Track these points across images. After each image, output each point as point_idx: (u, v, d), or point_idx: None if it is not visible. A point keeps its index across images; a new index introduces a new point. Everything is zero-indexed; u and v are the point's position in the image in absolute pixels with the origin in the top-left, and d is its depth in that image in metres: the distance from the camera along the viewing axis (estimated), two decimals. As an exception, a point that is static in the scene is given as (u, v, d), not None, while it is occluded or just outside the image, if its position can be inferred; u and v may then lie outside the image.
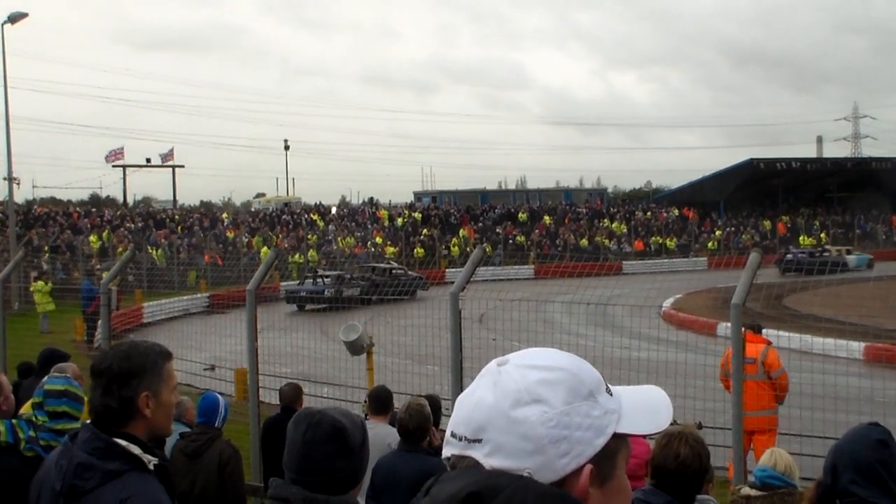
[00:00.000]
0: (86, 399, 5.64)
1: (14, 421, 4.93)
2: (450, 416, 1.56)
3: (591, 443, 1.48)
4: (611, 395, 1.56)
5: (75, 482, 3.12)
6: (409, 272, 39.19)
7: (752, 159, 72.98)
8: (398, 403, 8.71)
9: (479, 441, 1.48)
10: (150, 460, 3.19)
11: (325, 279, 33.35)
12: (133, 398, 3.22)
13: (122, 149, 75.62)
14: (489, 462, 1.46)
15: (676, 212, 72.92)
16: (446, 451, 1.53)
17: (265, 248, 47.35)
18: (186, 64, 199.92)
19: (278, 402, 9.62)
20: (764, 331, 12.14)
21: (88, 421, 3.34)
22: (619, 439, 1.53)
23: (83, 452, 3.15)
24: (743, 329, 8.13)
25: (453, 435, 1.52)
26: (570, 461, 1.46)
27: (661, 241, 64.84)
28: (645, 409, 1.58)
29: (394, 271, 39.82)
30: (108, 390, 3.21)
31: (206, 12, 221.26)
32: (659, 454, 4.32)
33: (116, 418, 3.21)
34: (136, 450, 3.16)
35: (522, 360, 1.54)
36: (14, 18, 36.84)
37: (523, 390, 1.48)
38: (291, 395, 8.95)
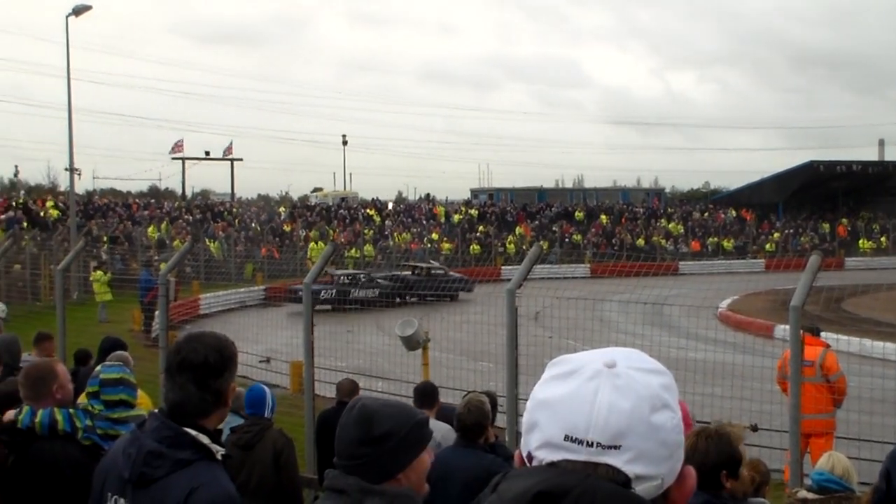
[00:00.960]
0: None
1: (71, 410, 4.98)
2: (506, 413, 1.57)
3: (683, 443, 1.52)
4: None
5: (145, 470, 3.16)
6: (452, 273, 37.19)
7: (812, 161, 71.93)
8: (452, 399, 8.76)
9: (618, 447, 1.45)
10: (218, 450, 3.24)
11: (339, 278, 30.89)
12: (225, 390, 3.31)
13: (182, 141, 76.55)
14: (631, 469, 1.44)
15: (734, 213, 72.20)
16: (558, 455, 1.48)
17: (313, 244, 47.58)
18: (245, 57, 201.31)
19: (333, 396, 9.69)
20: (822, 334, 12.00)
21: (156, 410, 3.40)
22: None
23: (152, 441, 3.19)
24: (801, 332, 8.05)
25: (574, 440, 1.47)
26: (677, 463, 1.50)
27: (718, 242, 64.22)
28: None
29: (433, 271, 37.58)
30: (204, 383, 3.26)
31: (266, 6, 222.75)
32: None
33: (204, 409, 3.28)
34: (205, 439, 3.21)
35: (633, 363, 1.52)
36: (78, 11, 37.30)
37: (655, 396, 1.48)
38: (348, 389, 9.01)
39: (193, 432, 3.20)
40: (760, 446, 9.96)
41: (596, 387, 1.48)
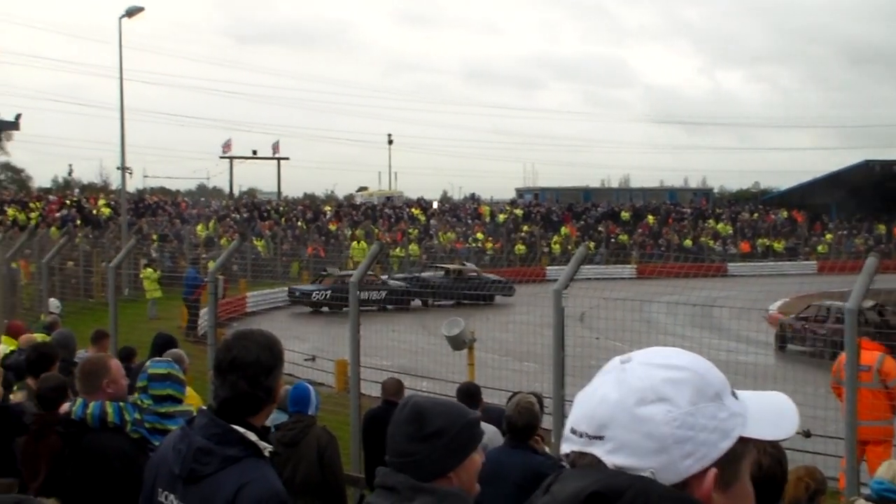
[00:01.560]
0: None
1: (121, 404, 5.08)
2: (552, 414, 1.54)
3: (715, 445, 1.45)
4: (736, 398, 1.52)
5: (194, 466, 3.19)
6: (489, 275, 35.78)
7: (866, 161, 70.80)
8: (498, 400, 8.70)
9: (601, 438, 1.45)
10: (266, 447, 3.26)
11: (337, 280, 29.60)
12: (274, 387, 3.34)
13: (230, 141, 77.25)
14: (611, 460, 1.44)
15: (785, 214, 71.48)
16: (565, 448, 1.52)
17: (355, 244, 47.67)
18: (292, 57, 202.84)
19: (379, 395, 9.67)
20: (878, 338, 11.79)
21: (205, 407, 3.40)
22: (744, 444, 1.49)
23: (202, 437, 3.22)
24: (858, 336, 7.89)
25: (573, 431, 1.50)
26: (694, 463, 1.43)
27: (768, 244, 63.63)
28: (771, 415, 1.55)
29: (466, 273, 36.03)
30: (255, 381, 3.29)
31: (311, 6, 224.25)
32: None
33: (254, 407, 3.31)
34: (253, 437, 3.23)
35: (647, 359, 1.51)
36: (131, 12, 37.75)
37: (648, 388, 1.45)
38: (394, 389, 8.99)
39: (242, 429, 3.23)
40: (814, 453, 9.81)
41: (601, 382, 1.51)
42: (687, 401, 1.45)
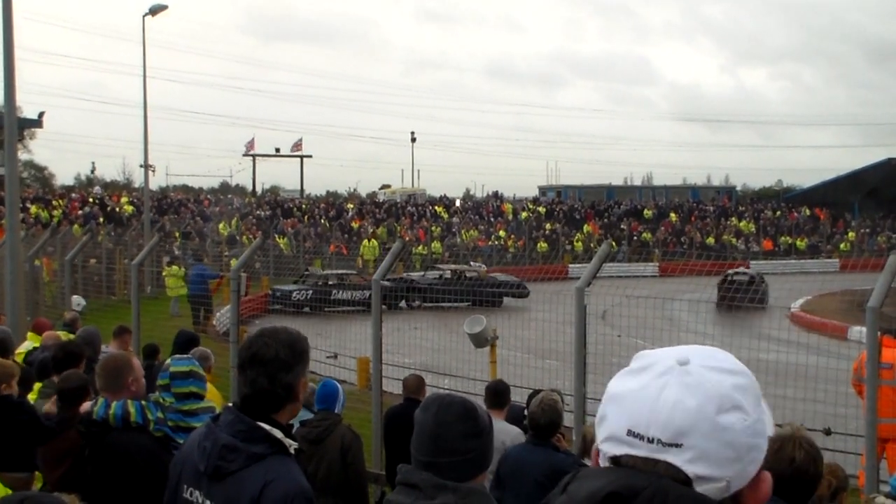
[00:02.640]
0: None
1: (143, 403, 5.10)
2: (573, 412, 1.56)
3: (764, 448, 1.49)
4: None
5: (220, 463, 3.21)
6: (496, 275, 34.22)
7: (890, 159, 70.35)
8: (519, 398, 8.72)
9: (679, 446, 1.44)
10: (291, 445, 3.28)
11: (321, 280, 28.67)
12: (296, 384, 3.34)
13: (253, 140, 77.49)
14: (692, 469, 1.43)
15: (808, 211, 71.11)
16: (623, 450, 1.49)
17: (365, 242, 47.53)
18: (314, 55, 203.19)
19: (400, 392, 9.72)
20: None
21: (230, 404, 3.44)
22: None
23: (227, 435, 3.24)
24: (880, 333, 7.89)
25: (636, 435, 1.47)
26: (755, 468, 1.47)
27: (790, 241, 63.34)
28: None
29: (468, 273, 33.59)
30: (274, 378, 3.29)
31: (334, 5, 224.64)
32: (772, 459, 4.18)
33: (275, 404, 3.31)
34: (278, 434, 3.24)
35: (706, 362, 1.50)
36: (155, 10, 37.88)
37: (725, 396, 1.46)
38: (415, 386, 9.02)
39: (267, 427, 3.24)
40: (835, 450, 9.79)
41: (664, 383, 1.48)
42: (752, 408, 1.47)
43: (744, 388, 1.48)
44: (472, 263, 41.38)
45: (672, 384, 1.47)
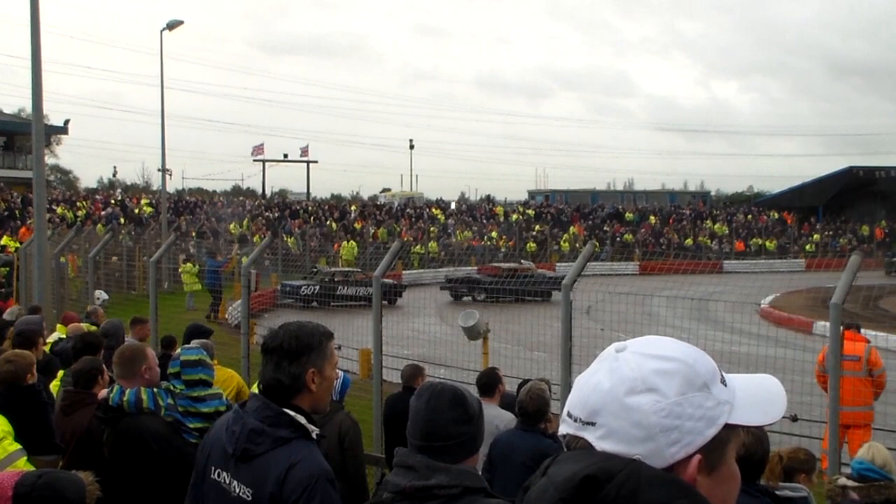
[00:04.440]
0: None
1: (155, 390, 5.11)
2: (559, 399, 1.56)
3: (701, 433, 1.43)
4: (725, 385, 1.50)
5: (248, 446, 3.21)
6: (542, 270, 32.31)
7: (851, 167, 70.89)
8: (509, 387, 8.72)
9: (593, 424, 1.45)
10: (314, 430, 3.28)
11: (328, 277, 28.84)
12: (301, 374, 3.31)
13: (262, 145, 77.40)
14: (601, 445, 1.43)
15: (776, 215, 71.27)
16: (562, 430, 1.51)
17: (345, 243, 47.09)
18: (318, 68, 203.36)
19: (399, 381, 9.71)
20: (861, 330, 11.81)
21: (256, 391, 3.44)
22: (730, 429, 1.47)
23: (255, 419, 3.24)
24: (843, 328, 7.90)
25: (569, 415, 1.49)
26: (680, 450, 1.42)
27: (760, 243, 63.40)
28: (759, 401, 1.52)
29: (519, 270, 30.88)
30: (279, 366, 3.30)
31: (336, 21, 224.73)
32: None
33: (286, 392, 3.30)
34: (302, 419, 3.25)
35: (641, 348, 1.49)
36: (172, 25, 37.85)
37: (638, 378, 1.44)
38: (412, 375, 9.02)
39: (292, 413, 3.25)
40: (801, 436, 9.81)
41: (597, 369, 1.49)
42: (675, 391, 1.43)
43: (668, 372, 1.44)
44: (522, 262, 41.27)
45: (601, 370, 1.48)
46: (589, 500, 1.37)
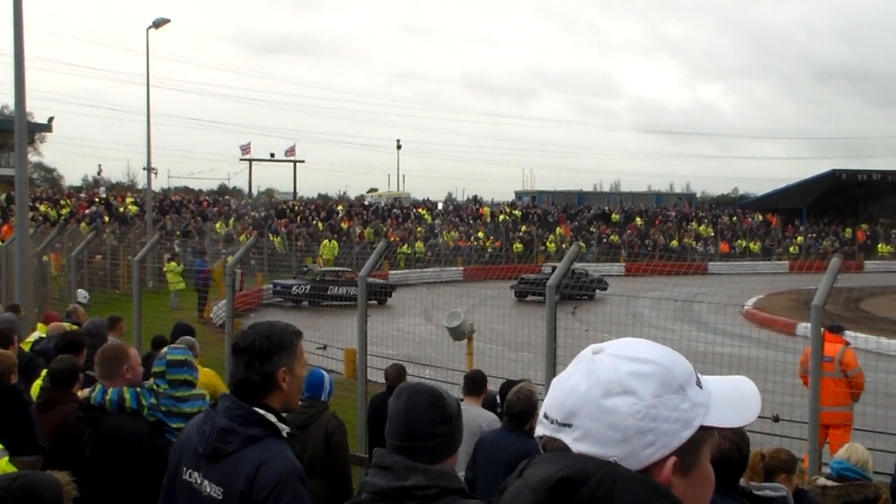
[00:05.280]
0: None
1: (138, 389, 5.08)
2: (543, 400, 1.55)
3: (676, 435, 1.44)
4: (701, 387, 1.51)
5: (218, 445, 3.23)
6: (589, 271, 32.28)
7: (834, 170, 71.19)
8: (494, 387, 8.74)
9: (570, 426, 1.45)
10: (284, 429, 3.30)
11: (319, 276, 28.79)
12: (273, 373, 3.32)
13: (249, 144, 77.31)
14: (577, 447, 1.44)
15: (761, 217, 71.57)
16: (539, 431, 1.52)
17: (326, 242, 46.73)
18: (304, 67, 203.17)
19: (384, 381, 9.71)
20: (845, 332, 11.85)
21: (227, 391, 3.45)
22: (705, 431, 1.48)
23: (225, 419, 3.26)
24: (823, 329, 7.95)
25: (546, 416, 1.50)
26: (655, 452, 1.43)
27: (745, 245, 63.63)
28: (734, 403, 1.54)
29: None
30: (250, 366, 3.31)
31: (320, 19, 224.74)
32: None
33: (257, 391, 3.32)
34: (272, 418, 3.27)
35: (617, 351, 1.50)
36: (158, 24, 37.71)
37: (615, 381, 1.45)
38: (395, 375, 9.03)
39: (262, 411, 3.27)
40: (782, 436, 9.86)
41: (574, 371, 1.50)
42: (651, 394, 1.44)
43: (644, 374, 1.45)
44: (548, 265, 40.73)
45: (578, 371, 1.49)
46: (564, 503, 1.37)
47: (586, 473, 1.38)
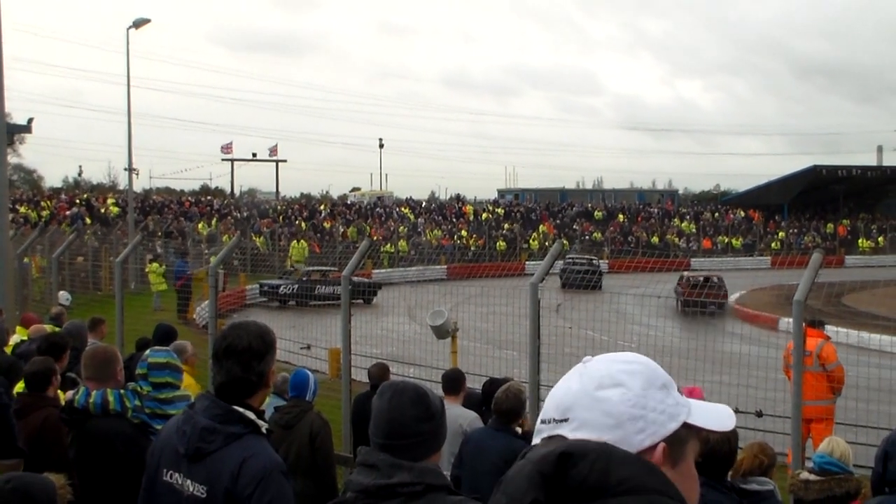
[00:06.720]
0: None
1: (122, 391, 5.06)
2: (528, 398, 1.59)
3: (664, 425, 1.54)
4: (681, 395, 1.62)
5: (200, 445, 3.26)
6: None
7: (815, 166, 71.67)
8: (478, 385, 8.74)
9: (566, 420, 1.54)
10: (263, 425, 3.35)
11: (306, 276, 28.76)
12: (267, 372, 3.40)
13: (231, 143, 77.02)
14: (575, 435, 1.52)
15: (743, 213, 71.89)
16: (536, 439, 1.58)
17: (294, 243, 46.22)
18: (286, 66, 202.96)
19: (367, 381, 9.71)
20: (826, 327, 11.91)
21: (205, 391, 3.46)
22: (689, 431, 1.58)
23: (205, 418, 3.29)
24: (805, 324, 7.98)
25: (543, 421, 1.58)
26: (646, 438, 1.52)
27: (727, 241, 63.91)
28: (712, 412, 1.63)
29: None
30: (248, 366, 3.35)
31: (301, 18, 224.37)
32: None
33: (248, 390, 3.37)
34: (251, 415, 3.32)
35: (606, 357, 1.61)
36: (138, 24, 37.54)
37: (606, 376, 1.55)
38: (379, 374, 9.01)
39: (241, 409, 3.31)
40: (765, 431, 9.92)
41: (568, 377, 1.60)
42: (639, 386, 1.54)
43: (632, 371, 1.56)
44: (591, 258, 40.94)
45: (572, 376, 1.59)
46: (565, 474, 1.44)
47: (585, 449, 1.45)
